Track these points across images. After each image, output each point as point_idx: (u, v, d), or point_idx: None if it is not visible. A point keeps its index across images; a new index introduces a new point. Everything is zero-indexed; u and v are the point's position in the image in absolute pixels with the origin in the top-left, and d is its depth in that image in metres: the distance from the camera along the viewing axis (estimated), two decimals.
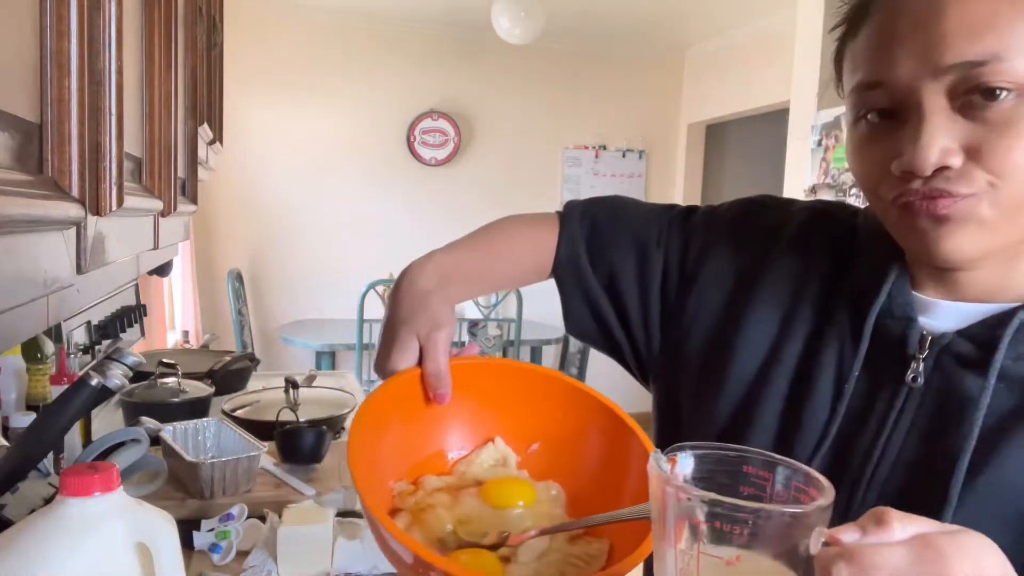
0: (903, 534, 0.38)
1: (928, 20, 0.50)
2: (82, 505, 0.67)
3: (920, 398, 0.57)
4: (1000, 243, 0.52)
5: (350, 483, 1.34)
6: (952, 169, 0.50)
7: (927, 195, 0.51)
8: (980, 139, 0.49)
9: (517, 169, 4.69)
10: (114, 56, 0.60)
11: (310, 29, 4.26)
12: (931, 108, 0.50)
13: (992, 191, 0.50)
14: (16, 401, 1.32)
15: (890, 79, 0.52)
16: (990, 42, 0.48)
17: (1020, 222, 0.51)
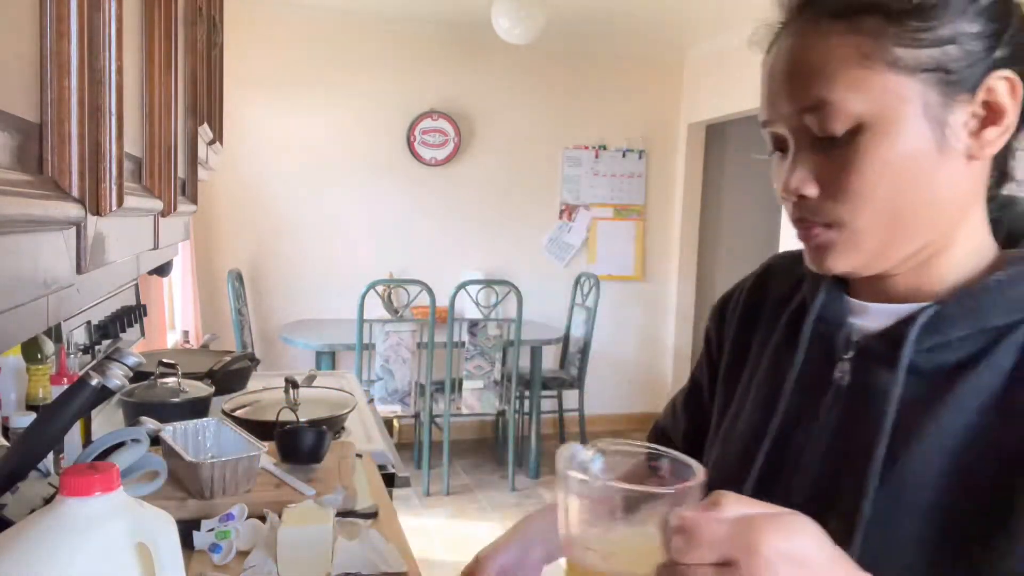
0: (732, 513, 0.45)
1: (778, 73, 0.60)
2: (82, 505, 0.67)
3: (845, 395, 0.63)
4: (876, 258, 0.59)
5: (350, 483, 1.34)
6: (810, 199, 0.58)
7: (798, 221, 0.61)
8: (828, 173, 0.57)
9: (517, 169, 4.69)
10: (114, 56, 0.60)
11: (310, 29, 4.26)
12: (796, 146, 0.59)
13: (849, 219, 0.57)
14: (16, 401, 1.32)
15: (768, 121, 0.62)
16: (819, 88, 0.56)
17: (888, 238, 0.58)
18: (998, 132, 0.56)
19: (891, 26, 0.55)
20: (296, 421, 1.49)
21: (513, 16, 3.53)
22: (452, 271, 4.49)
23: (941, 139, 0.55)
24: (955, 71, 0.55)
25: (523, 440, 4.40)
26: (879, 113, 0.55)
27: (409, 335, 3.78)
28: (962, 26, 0.55)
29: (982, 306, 0.57)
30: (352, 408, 1.74)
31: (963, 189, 0.58)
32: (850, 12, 0.56)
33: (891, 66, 0.55)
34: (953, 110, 0.55)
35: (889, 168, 0.55)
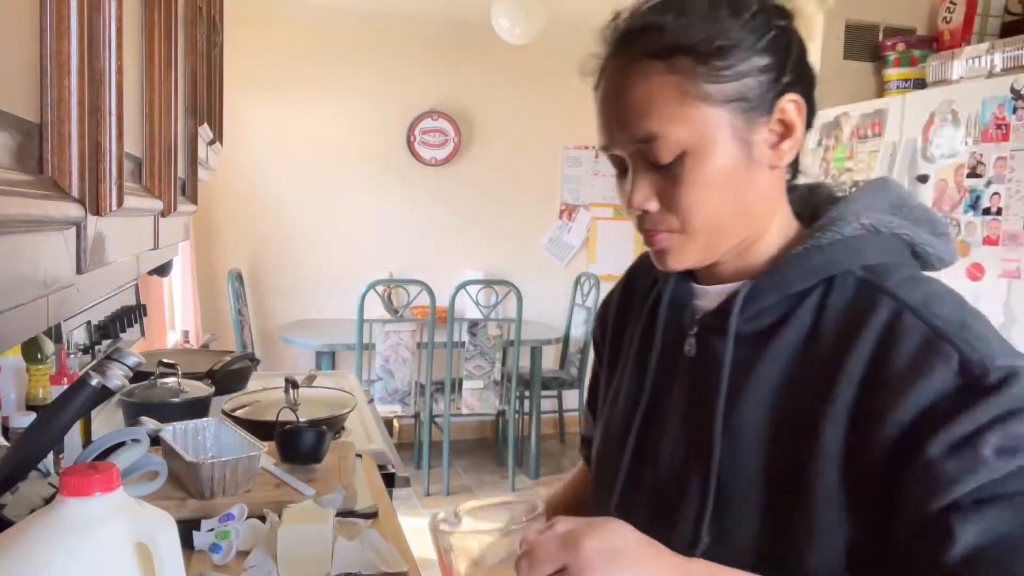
0: (561, 530, 0.58)
1: (612, 108, 0.69)
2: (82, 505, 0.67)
3: (693, 365, 0.75)
4: (707, 253, 0.71)
5: (350, 483, 1.34)
6: (651, 212, 0.70)
7: (643, 230, 0.72)
8: (665, 191, 0.68)
9: (517, 169, 4.69)
10: (114, 56, 0.60)
11: (310, 29, 4.26)
12: (634, 168, 0.70)
13: (683, 227, 0.69)
14: (16, 401, 1.32)
15: (608, 147, 0.72)
16: (648, 124, 0.66)
17: (715, 238, 0.70)
18: (791, 144, 0.70)
19: (700, 66, 0.65)
20: (296, 421, 1.49)
21: (513, 16, 3.53)
22: (452, 271, 4.49)
23: (748, 156, 0.68)
24: (753, 99, 0.66)
25: (523, 440, 4.40)
26: (698, 140, 0.66)
27: (409, 335, 3.78)
28: (754, 61, 0.66)
29: (784, 277, 0.69)
30: (352, 408, 1.74)
31: (769, 191, 0.71)
32: (665, 53, 0.66)
33: (703, 100, 0.65)
34: (755, 131, 0.68)
35: (710, 184, 0.67)
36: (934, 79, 2.43)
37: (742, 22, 0.66)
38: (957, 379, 0.60)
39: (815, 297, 0.68)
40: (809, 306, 0.68)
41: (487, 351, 3.88)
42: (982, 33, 2.53)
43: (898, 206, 0.72)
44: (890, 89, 2.62)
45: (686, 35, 0.65)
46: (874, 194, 0.73)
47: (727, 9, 0.66)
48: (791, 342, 0.68)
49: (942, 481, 0.58)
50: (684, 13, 0.66)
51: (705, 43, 0.65)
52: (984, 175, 1.97)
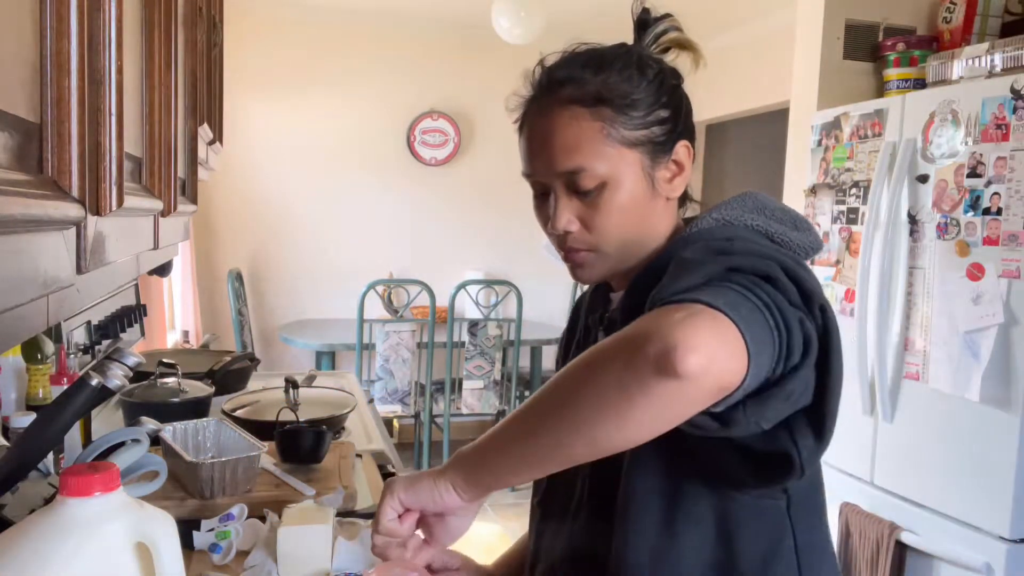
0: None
1: (543, 143, 0.84)
2: (82, 505, 0.67)
3: None
4: (616, 267, 0.86)
5: (350, 483, 1.34)
6: (573, 233, 0.84)
7: (564, 248, 0.86)
8: (586, 215, 0.83)
9: (517, 169, 4.66)
10: (114, 56, 0.60)
11: (310, 29, 4.26)
12: (558, 194, 0.84)
13: (597, 245, 0.84)
14: (16, 401, 1.32)
15: (534, 174, 0.87)
16: (577, 159, 0.80)
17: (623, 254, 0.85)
18: (682, 180, 0.86)
19: (619, 115, 0.80)
20: (296, 421, 1.49)
21: (513, 16, 3.53)
22: (452, 271, 4.49)
23: (652, 188, 0.83)
24: (659, 143, 0.82)
25: None
26: (615, 174, 0.81)
27: (409, 335, 3.78)
28: (658, 113, 0.82)
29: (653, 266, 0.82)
30: (352, 408, 1.74)
31: (664, 216, 0.86)
32: (590, 102, 0.80)
33: (620, 142, 0.80)
34: (657, 169, 0.83)
35: (622, 210, 0.82)
36: (934, 79, 2.43)
37: (647, 81, 0.82)
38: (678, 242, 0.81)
39: None
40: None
41: (487, 351, 3.88)
42: (982, 33, 2.53)
43: (759, 209, 0.85)
44: (890, 89, 2.62)
45: (607, 89, 0.80)
46: (737, 200, 0.86)
47: (636, 70, 0.81)
48: None
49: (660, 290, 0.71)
50: (603, 70, 0.81)
51: (622, 97, 0.80)
52: (984, 175, 1.97)
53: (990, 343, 1.93)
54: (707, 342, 0.60)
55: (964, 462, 2.01)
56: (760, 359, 0.63)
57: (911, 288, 2.19)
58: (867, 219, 2.29)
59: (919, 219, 2.18)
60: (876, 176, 2.28)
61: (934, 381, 2.10)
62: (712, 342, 0.60)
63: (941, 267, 2.09)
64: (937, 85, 2.38)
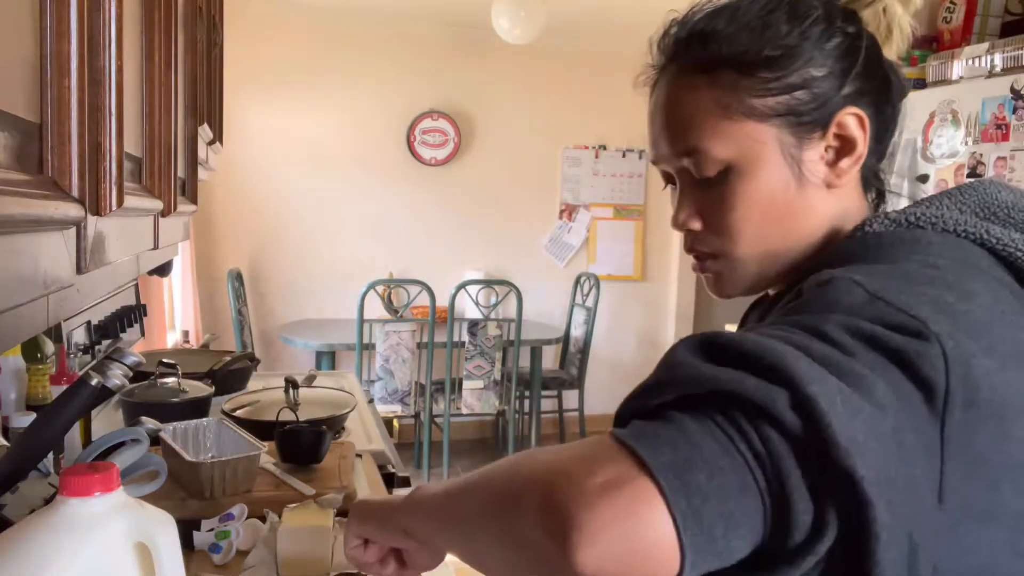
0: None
1: (658, 122, 0.67)
2: (82, 505, 0.67)
3: None
4: (758, 279, 0.67)
5: (350, 483, 1.34)
6: (695, 232, 0.67)
7: (690, 251, 0.69)
8: (708, 210, 0.66)
9: (517, 169, 4.69)
10: (114, 56, 0.60)
11: (310, 29, 4.26)
12: (680, 185, 0.68)
13: (726, 250, 0.66)
14: (16, 401, 1.32)
15: (656, 161, 0.69)
16: (690, 138, 0.64)
17: (764, 262, 0.66)
18: (851, 162, 0.64)
19: (743, 79, 0.62)
20: (296, 421, 1.49)
21: (513, 16, 3.53)
22: (452, 271, 4.49)
23: (799, 174, 0.63)
24: (805, 113, 0.62)
25: (523, 440, 4.40)
26: (742, 157, 0.63)
27: (409, 335, 3.78)
28: (808, 72, 0.62)
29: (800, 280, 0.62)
30: (352, 408, 1.74)
31: (825, 214, 0.65)
32: (708, 66, 0.63)
33: (747, 115, 0.62)
34: (807, 147, 0.63)
35: (756, 205, 0.64)
36: (934, 79, 2.43)
37: (799, 29, 0.62)
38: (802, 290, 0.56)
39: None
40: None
41: (487, 351, 3.88)
42: (982, 33, 2.53)
43: (981, 205, 0.62)
44: None
45: (732, 45, 0.62)
46: (955, 193, 0.64)
47: (783, 14, 0.62)
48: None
49: None
50: (735, 20, 0.63)
51: (751, 54, 0.62)
52: (984, 175, 1.97)
53: None
54: (615, 535, 0.43)
55: None
56: (704, 557, 0.43)
57: None
58: None
59: None
60: None
61: None
62: (622, 536, 0.43)
63: None
64: (937, 85, 2.38)
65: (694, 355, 0.50)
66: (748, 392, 0.45)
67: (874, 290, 0.50)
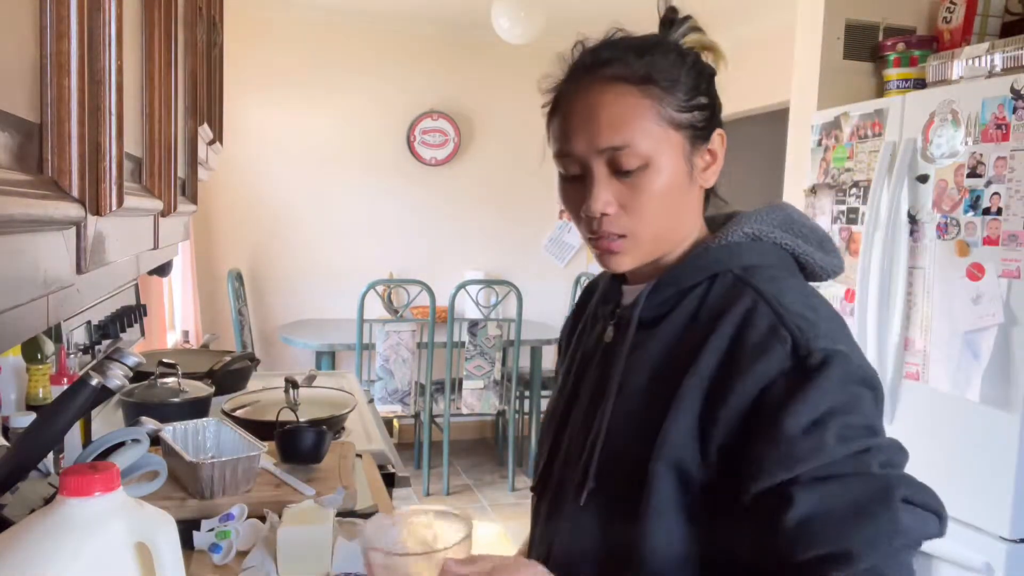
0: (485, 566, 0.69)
1: (589, 117, 0.79)
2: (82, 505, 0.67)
3: (606, 350, 0.87)
4: (647, 256, 0.83)
5: (350, 483, 1.34)
6: (609, 216, 0.79)
7: (597, 234, 0.81)
8: (626, 197, 0.79)
9: (517, 169, 4.69)
10: (114, 56, 0.60)
11: (310, 29, 4.26)
12: (598, 174, 0.79)
13: (634, 230, 0.80)
14: (16, 401, 1.32)
15: (572, 153, 0.80)
16: (624, 134, 0.77)
17: (655, 243, 0.82)
18: (715, 169, 0.84)
19: (667, 95, 0.78)
20: (296, 421, 1.49)
21: (513, 16, 3.53)
22: (452, 271, 4.49)
23: (690, 175, 0.82)
24: (700, 128, 0.81)
25: (523, 440, 4.40)
26: (658, 155, 0.78)
27: (409, 335, 3.78)
28: (699, 100, 0.81)
29: (680, 274, 0.83)
30: (352, 408, 1.74)
31: (696, 207, 0.86)
32: (638, 81, 0.78)
33: (668, 123, 0.78)
34: (696, 155, 0.82)
35: (663, 195, 0.79)
36: (934, 79, 2.43)
37: (688, 67, 0.81)
38: (790, 359, 0.72)
39: (700, 290, 0.81)
40: (694, 297, 0.81)
41: (487, 351, 3.88)
42: (982, 33, 2.53)
43: (787, 223, 0.85)
44: (890, 89, 2.62)
45: (654, 69, 0.79)
46: (767, 213, 0.85)
47: (677, 55, 0.81)
48: (676, 326, 0.81)
49: (791, 459, 0.68)
50: (647, 53, 0.80)
51: (668, 79, 0.79)
52: (984, 175, 1.97)
53: (990, 343, 1.93)
54: None
55: (964, 462, 2.01)
56: None
57: (911, 288, 2.19)
58: (867, 219, 2.29)
59: (919, 219, 2.18)
60: (876, 176, 2.28)
61: (934, 381, 2.10)
62: None
63: (941, 267, 2.09)
64: (937, 85, 2.38)
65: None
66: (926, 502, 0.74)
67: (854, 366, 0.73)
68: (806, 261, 0.84)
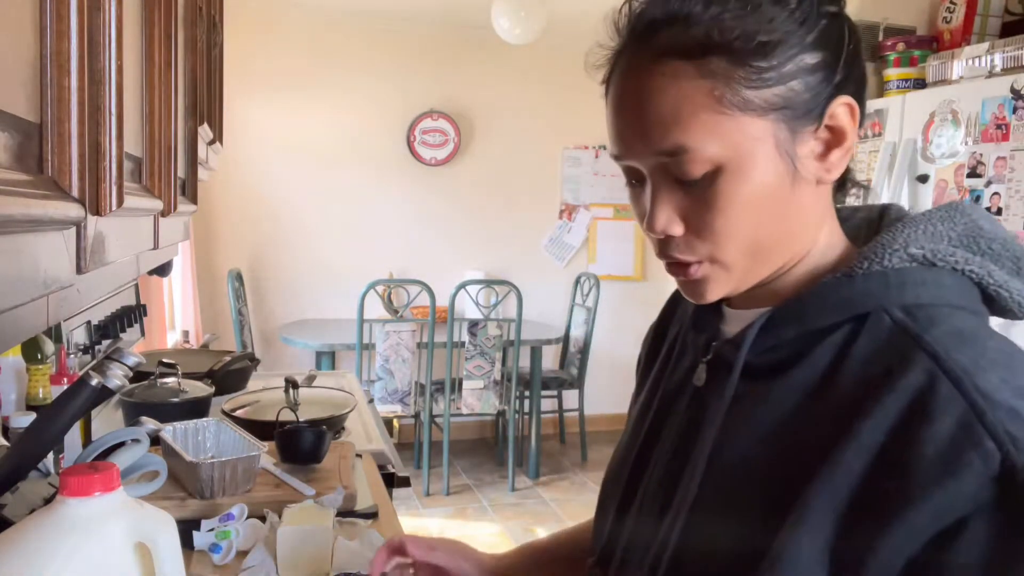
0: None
1: (629, 114, 0.59)
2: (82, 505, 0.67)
3: (698, 396, 0.66)
4: (744, 282, 0.61)
5: (350, 483, 1.34)
6: (677, 238, 0.59)
7: (667, 258, 0.61)
8: (691, 213, 0.58)
9: (517, 169, 4.69)
10: (114, 56, 0.60)
11: (310, 29, 4.26)
12: (654, 182, 0.59)
13: (715, 255, 0.59)
14: (16, 401, 1.32)
15: (622, 157, 0.60)
16: (676, 136, 0.56)
17: (753, 266, 0.60)
18: (841, 154, 0.59)
19: (737, 68, 0.55)
20: (296, 421, 1.49)
21: (513, 16, 3.53)
22: (452, 271, 4.49)
23: (793, 171, 0.58)
24: (800, 105, 0.56)
25: (523, 440, 4.40)
26: (735, 155, 0.56)
27: (409, 335, 3.78)
28: (802, 60, 0.56)
29: (807, 308, 0.59)
30: (352, 408, 1.74)
31: (816, 210, 0.61)
32: (696, 53, 0.55)
33: (742, 109, 0.55)
34: (801, 141, 0.58)
35: (749, 205, 0.57)
36: (934, 79, 2.43)
37: (787, 11, 0.55)
38: (992, 486, 0.47)
39: (839, 336, 0.57)
40: (830, 345, 0.58)
41: (487, 351, 3.88)
42: (982, 33, 2.53)
43: (972, 236, 0.60)
44: (890, 89, 2.62)
45: (720, 30, 0.55)
46: (942, 220, 0.60)
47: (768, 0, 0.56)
48: (802, 384, 0.58)
49: None
50: (716, 1, 0.56)
51: (744, 40, 0.54)
52: (984, 175, 1.97)
53: None
54: None
55: None
56: None
57: None
58: None
59: None
60: (876, 176, 2.28)
61: None
62: None
63: None
64: (937, 85, 2.38)
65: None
66: None
67: None
68: (997, 293, 0.59)
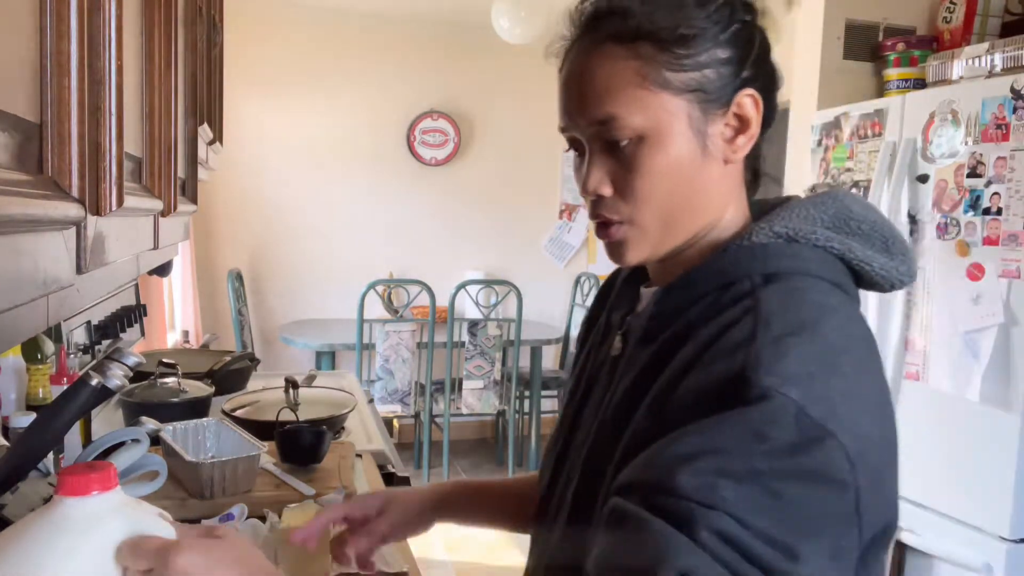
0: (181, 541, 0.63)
1: (573, 89, 0.69)
2: (80, 505, 0.67)
3: (612, 364, 0.74)
4: (658, 248, 0.70)
5: (350, 483, 1.34)
6: (605, 198, 0.69)
7: (596, 217, 0.71)
8: (618, 175, 0.68)
9: (517, 169, 4.69)
10: (114, 56, 0.60)
11: (310, 29, 4.26)
12: (591, 149, 0.69)
13: (633, 216, 0.68)
14: (16, 401, 1.32)
15: (567, 128, 0.71)
16: (608, 106, 0.66)
17: (666, 230, 0.69)
18: (746, 139, 0.69)
19: (661, 53, 0.65)
20: (296, 421, 1.49)
21: (513, 16, 3.53)
22: (452, 271, 4.49)
23: (703, 147, 0.67)
24: (711, 91, 0.66)
25: (523, 440, 4.40)
26: (655, 126, 0.66)
27: (409, 335, 3.78)
28: (715, 53, 0.66)
29: (692, 280, 0.68)
30: (352, 408, 1.74)
31: (722, 187, 0.70)
32: (629, 38, 0.66)
33: (663, 87, 0.65)
34: (711, 123, 0.67)
35: (665, 172, 0.67)
36: (934, 79, 2.43)
37: (706, 12, 0.66)
38: (726, 384, 0.57)
39: (710, 299, 0.66)
40: (700, 308, 0.66)
41: (487, 351, 3.88)
42: (982, 33, 2.53)
43: (843, 219, 0.69)
44: (890, 89, 2.62)
45: (650, 21, 0.65)
46: (815, 205, 0.70)
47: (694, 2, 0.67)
48: (676, 345, 0.65)
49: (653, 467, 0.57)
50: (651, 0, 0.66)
51: (668, 31, 0.65)
52: (984, 175, 1.97)
53: (990, 343, 1.93)
54: None
55: (964, 462, 2.01)
56: None
57: (911, 288, 2.19)
58: None
59: (919, 219, 2.18)
60: (876, 176, 2.28)
61: (934, 381, 2.10)
62: None
63: (941, 267, 2.09)
64: (937, 85, 2.38)
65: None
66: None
67: (800, 407, 0.55)
68: (860, 268, 0.68)
